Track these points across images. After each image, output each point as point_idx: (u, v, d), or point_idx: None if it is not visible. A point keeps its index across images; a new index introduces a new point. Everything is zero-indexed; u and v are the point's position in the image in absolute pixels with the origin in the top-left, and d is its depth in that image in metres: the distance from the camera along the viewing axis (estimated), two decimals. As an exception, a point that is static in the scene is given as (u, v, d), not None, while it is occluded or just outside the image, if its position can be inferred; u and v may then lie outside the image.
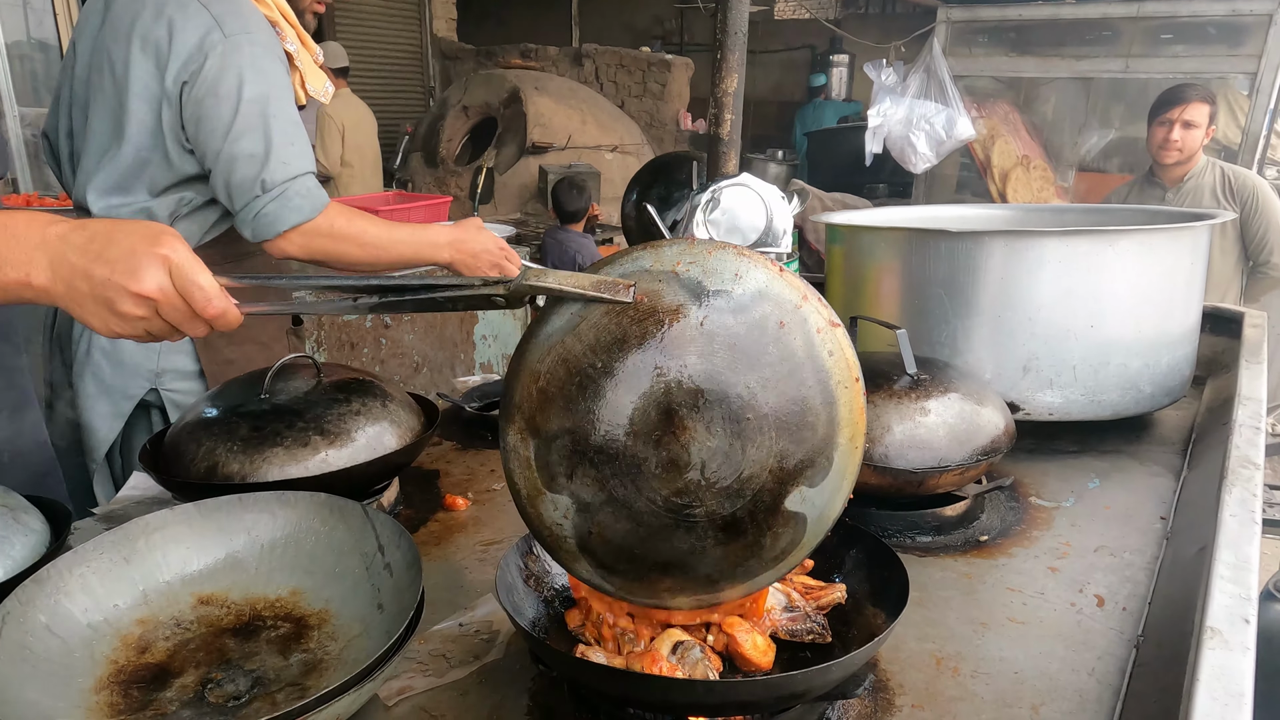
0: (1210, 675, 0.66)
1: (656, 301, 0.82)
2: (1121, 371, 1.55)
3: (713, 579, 0.86)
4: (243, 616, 1.08)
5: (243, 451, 1.30)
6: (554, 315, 0.87)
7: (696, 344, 0.81)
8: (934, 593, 1.18)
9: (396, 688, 1.00)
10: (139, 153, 1.85)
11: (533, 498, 0.88)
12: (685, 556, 0.84)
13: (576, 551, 0.88)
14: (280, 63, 1.82)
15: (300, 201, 1.82)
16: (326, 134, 5.66)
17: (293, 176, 1.81)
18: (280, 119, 1.80)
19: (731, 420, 0.80)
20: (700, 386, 0.80)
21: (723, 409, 0.80)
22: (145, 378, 1.99)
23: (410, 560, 1.05)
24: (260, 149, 1.78)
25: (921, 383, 1.31)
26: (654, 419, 0.80)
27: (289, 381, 1.44)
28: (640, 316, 0.82)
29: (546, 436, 0.85)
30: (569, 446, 0.83)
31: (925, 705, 0.96)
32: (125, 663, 0.99)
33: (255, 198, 1.79)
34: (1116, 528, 1.36)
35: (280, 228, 1.81)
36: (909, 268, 1.62)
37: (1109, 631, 1.08)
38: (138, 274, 0.92)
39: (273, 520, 1.15)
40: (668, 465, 0.81)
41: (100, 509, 1.52)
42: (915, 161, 4.92)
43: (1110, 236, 1.48)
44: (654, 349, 0.81)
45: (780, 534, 0.84)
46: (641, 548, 0.85)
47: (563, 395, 0.84)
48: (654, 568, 0.86)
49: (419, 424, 1.49)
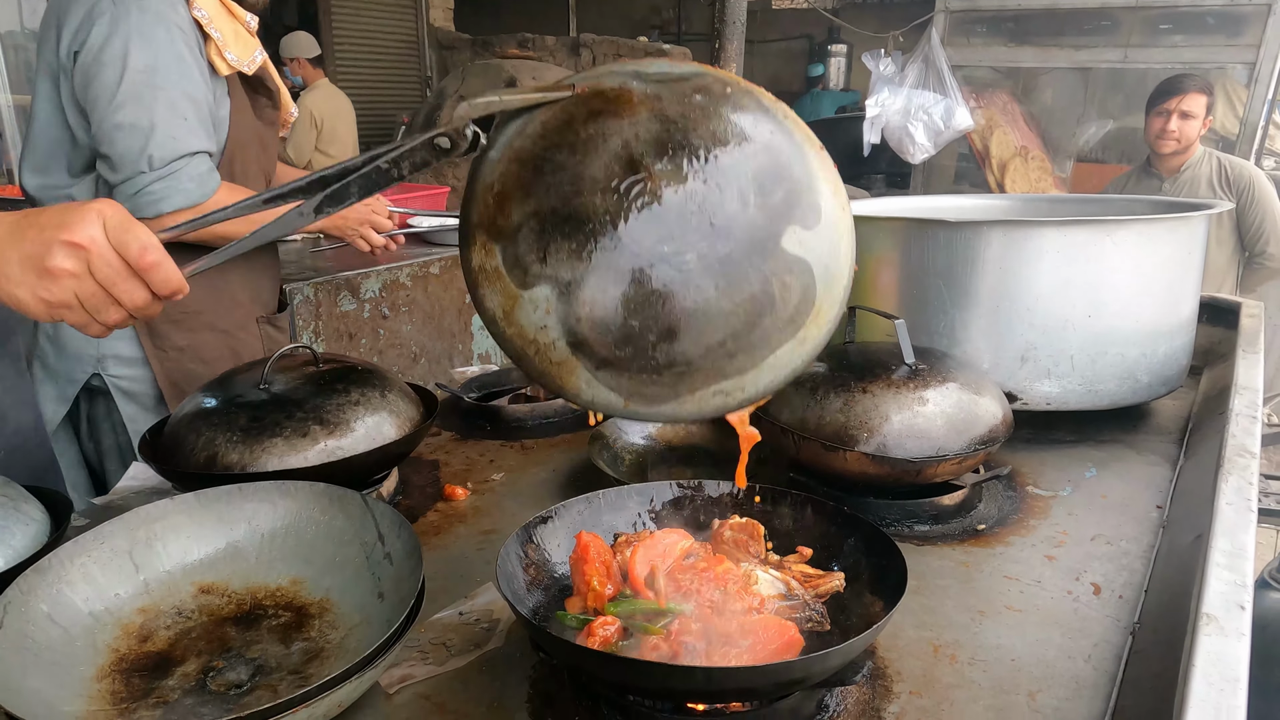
0: (1206, 661, 0.67)
1: (598, 85, 0.81)
2: (1119, 361, 1.55)
3: (727, 349, 0.79)
4: (243, 605, 1.08)
5: (242, 441, 1.30)
6: (499, 135, 0.83)
7: (646, 105, 0.79)
8: (932, 581, 1.19)
9: (398, 675, 1.00)
10: (48, 130, 1.80)
11: (509, 312, 0.81)
12: (690, 317, 0.78)
13: (569, 353, 0.80)
14: (178, 32, 1.73)
15: (190, 185, 1.74)
16: (299, 126, 5.65)
17: (183, 154, 1.73)
18: (170, 91, 1.71)
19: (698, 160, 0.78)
20: (659, 136, 0.78)
21: (688, 151, 0.78)
22: (88, 363, 1.97)
23: (410, 549, 1.05)
24: (145, 121, 1.70)
25: (920, 373, 1.31)
26: (620, 171, 0.77)
27: (288, 371, 1.44)
28: (585, 100, 0.80)
29: (510, 232, 0.80)
30: (536, 228, 0.79)
31: (923, 692, 0.96)
32: (127, 651, 0.99)
33: (140, 173, 1.71)
34: (1113, 517, 1.36)
35: (163, 209, 1.73)
36: (907, 258, 1.62)
37: (1105, 619, 1.08)
38: (69, 225, 0.87)
39: (273, 510, 1.15)
40: (643, 211, 0.77)
41: (100, 499, 1.52)
42: (913, 152, 4.91)
43: (1108, 227, 1.48)
44: (605, 116, 0.79)
45: (788, 282, 0.79)
46: (638, 316, 0.78)
47: (520, 186, 0.80)
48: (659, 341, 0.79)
49: (418, 414, 1.49)
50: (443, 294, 3.22)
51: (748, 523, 1.10)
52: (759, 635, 0.90)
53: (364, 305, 2.88)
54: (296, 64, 5.81)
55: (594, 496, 1.13)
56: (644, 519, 1.14)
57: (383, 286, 2.94)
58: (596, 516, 1.12)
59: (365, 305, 2.88)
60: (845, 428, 1.28)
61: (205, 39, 1.77)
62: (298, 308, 2.57)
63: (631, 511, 1.15)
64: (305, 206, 0.91)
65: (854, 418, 1.28)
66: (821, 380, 1.34)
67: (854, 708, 0.94)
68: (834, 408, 1.30)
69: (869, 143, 5.05)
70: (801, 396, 1.34)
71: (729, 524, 1.10)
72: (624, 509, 1.15)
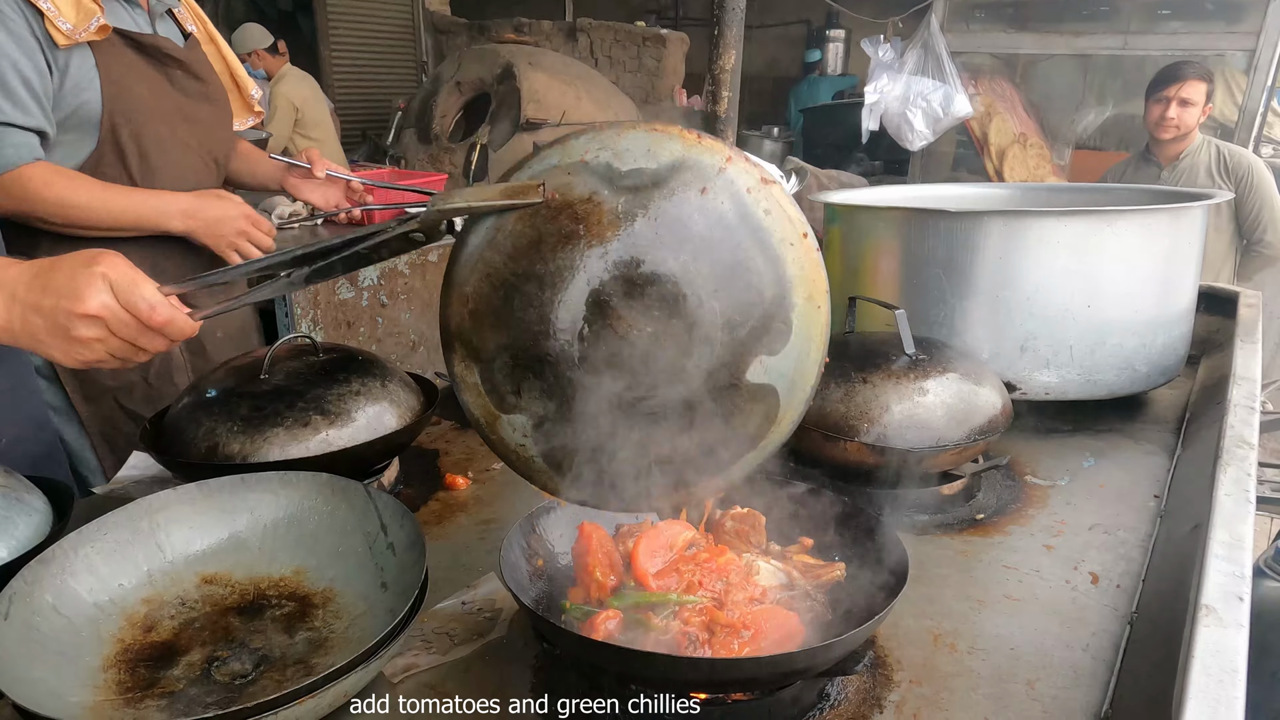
0: (1205, 651, 0.67)
1: (568, 194, 0.79)
2: (1117, 351, 1.56)
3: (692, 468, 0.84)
4: (247, 596, 1.09)
5: (243, 431, 1.30)
6: (471, 233, 0.84)
7: (615, 229, 0.78)
8: (931, 570, 1.19)
9: (402, 665, 1.01)
10: None
11: (491, 424, 0.86)
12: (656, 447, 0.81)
13: (547, 469, 0.85)
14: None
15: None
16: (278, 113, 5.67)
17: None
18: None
19: (666, 301, 0.77)
20: (627, 273, 0.77)
21: (655, 290, 0.77)
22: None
23: (413, 540, 1.06)
24: None
25: (920, 363, 1.32)
26: (586, 314, 0.78)
27: (288, 361, 1.44)
28: (554, 214, 0.79)
29: (487, 358, 0.82)
30: (509, 363, 0.81)
31: (923, 681, 0.97)
32: (132, 641, 1.00)
33: None
34: (1111, 506, 1.37)
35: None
36: (907, 247, 1.62)
37: (1103, 608, 1.09)
38: (80, 295, 0.94)
39: (275, 500, 1.16)
40: (610, 360, 0.78)
41: (101, 488, 1.53)
42: (912, 139, 4.90)
43: (1108, 217, 1.48)
44: (573, 244, 0.78)
45: (750, 410, 0.80)
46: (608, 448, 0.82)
47: (493, 312, 0.81)
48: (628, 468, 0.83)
49: (418, 403, 1.49)
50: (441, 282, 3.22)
51: (749, 513, 1.10)
52: (761, 626, 0.90)
53: (362, 293, 2.88)
54: (255, 57, 5.81)
55: (596, 487, 1.13)
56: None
57: (381, 275, 2.93)
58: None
59: (364, 293, 2.87)
60: (846, 418, 1.28)
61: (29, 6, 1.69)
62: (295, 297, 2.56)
63: (633, 502, 1.15)
64: (295, 276, 1.00)
65: (854, 408, 1.28)
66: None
67: (855, 696, 0.95)
68: (835, 398, 1.30)
69: (867, 129, 5.03)
70: (802, 387, 1.34)
71: (731, 514, 1.10)
72: (626, 499, 1.15)
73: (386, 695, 0.96)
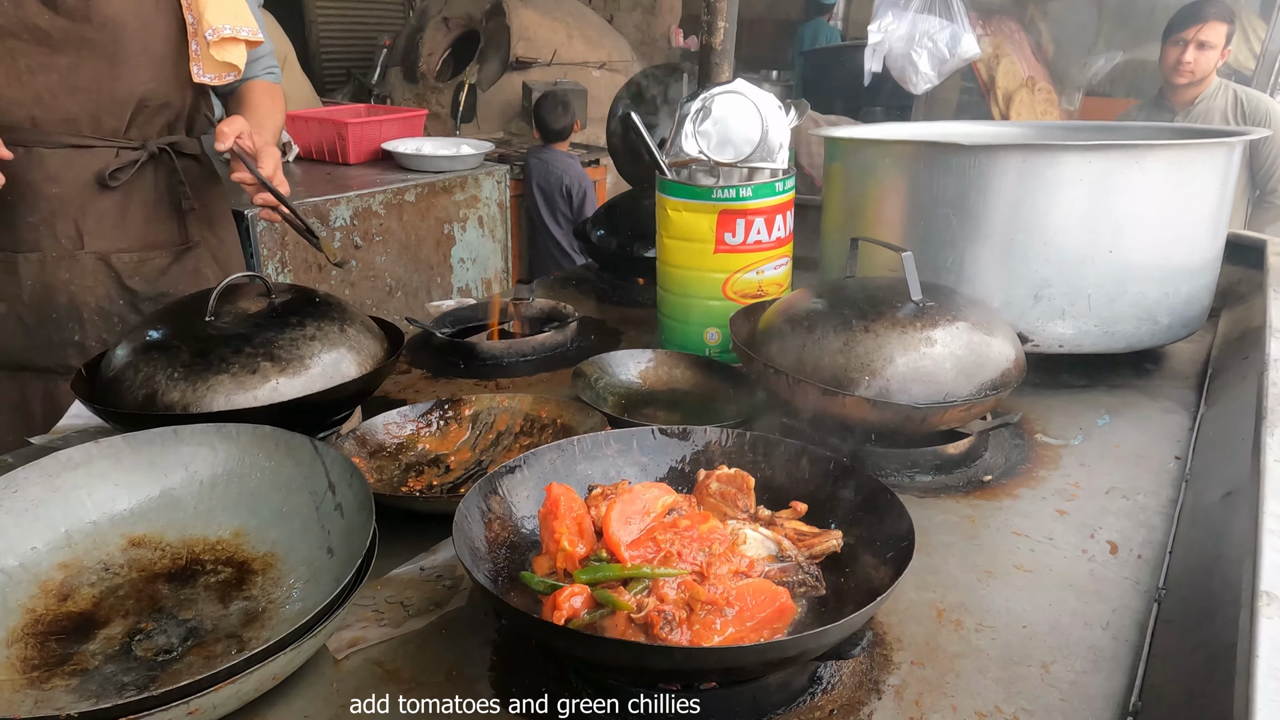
0: (1271, 649, 0.57)
1: None
2: (1139, 301, 1.44)
3: None
4: (179, 560, 0.98)
5: (184, 379, 1.18)
6: None
7: None
8: (935, 537, 1.09)
9: (347, 639, 0.91)
10: None
11: None
12: None
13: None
14: None
15: None
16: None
17: None
18: None
19: None
20: None
21: None
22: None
23: (362, 501, 0.95)
24: None
25: (927, 310, 1.20)
26: None
27: (237, 303, 1.32)
28: None
29: None
30: None
31: (926, 662, 0.87)
32: (44, 611, 0.89)
33: None
34: (1128, 468, 1.27)
35: None
36: (915, 186, 1.49)
37: (1123, 581, 0.99)
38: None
39: (212, 454, 1.05)
40: None
41: (39, 438, 1.41)
42: (916, 81, 4.69)
43: (1136, 152, 1.35)
44: None
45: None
46: None
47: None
48: None
49: (381, 350, 1.37)
50: (419, 223, 3.05)
51: (736, 474, 0.99)
52: (746, 602, 0.80)
53: (334, 234, 2.73)
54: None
55: (568, 444, 1.03)
56: (622, 469, 1.04)
57: (354, 214, 2.77)
58: (570, 466, 1.01)
59: (335, 234, 2.72)
60: (845, 370, 1.17)
61: None
62: (260, 235, 2.41)
63: (609, 460, 1.05)
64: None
65: (854, 359, 1.17)
66: (819, 318, 1.23)
67: (850, 679, 0.85)
68: (833, 348, 1.19)
69: (870, 71, 4.82)
70: (798, 335, 1.23)
71: (716, 475, 0.99)
72: (600, 457, 1.04)
73: (329, 673, 0.86)
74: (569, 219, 4.34)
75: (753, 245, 1.50)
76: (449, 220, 3.17)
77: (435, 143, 3.68)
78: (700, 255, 1.52)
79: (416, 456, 1.29)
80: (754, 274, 1.53)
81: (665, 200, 1.55)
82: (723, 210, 1.48)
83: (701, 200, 1.49)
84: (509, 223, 3.63)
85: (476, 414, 1.37)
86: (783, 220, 1.52)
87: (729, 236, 1.50)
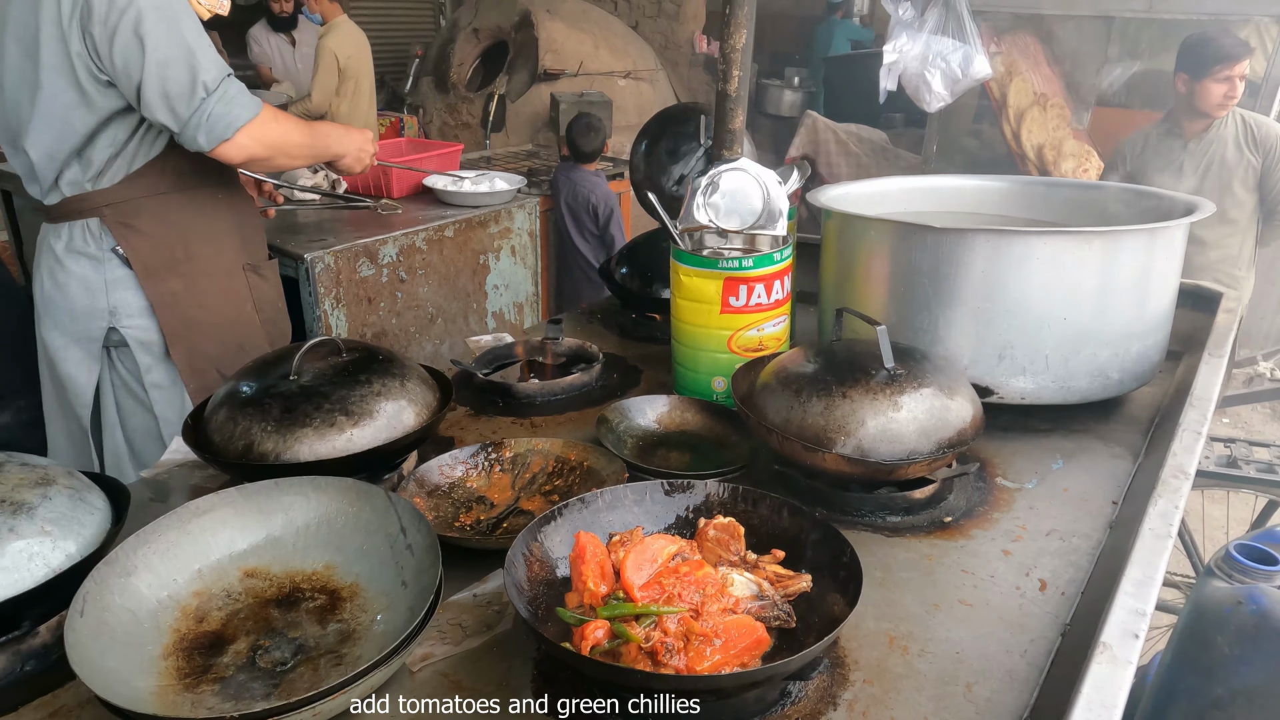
0: (1092, 687, 0.79)
1: None
2: (1091, 360, 1.65)
3: None
4: (284, 589, 1.23)
5: (276, 431, 1.43)
6: None
7: None
8: (896, 573, 1.32)
9: (419, 654, 1.16)
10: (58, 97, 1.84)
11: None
12: None
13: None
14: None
15: (244, 99, 1.84)
16: (323, 68, 5.47)
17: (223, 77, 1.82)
18: (189, 22, 1.79)
19: None
20: None
21: None
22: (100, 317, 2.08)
23: (430, 543, 1.19)
24: (182, 52, 1.77)
25: (897, 378, 1.42)
26: None
27: (315, 361, 1.57)
28: None
29: None
30: None
31: (875, 681, 1.10)
32: (186, 631, 1.15)
33: (202, 100, 1.80)
34: (1071, 511, 1.48)
35: (236, 125, 1.84)
36: (896, 256, 1.70)
37: (1045, 615, 1.21)
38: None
39: (306, 503, 1.29)
40: None
41: (148, 472, 1.68)
42: (929, 100, 4.87)
43: (1083, 236, 1.55)
44: None
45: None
46: None
47: None
48: None
49: (435, 399, 1.62)
50: (457, 256, 3.32)
51: (730, 523, 1.22)
52: (731, 635, 1.03)
53: (382, 270, 2.99)
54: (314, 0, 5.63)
55: (591, 497, 1.26)
56: (638, 517, 1.27)
57: (400, 251, 3.04)
58: (595, 516, 1.25)
59: (383, 270, 2.98)
60: (825, 430, 1.40)
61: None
62: (319, 276, 2.68)
63: (627, 509, 1.28)
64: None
65: (833, 421, 1.39)
66: (806, 382, 1.45)
67: (814, 694, 1.08)
68: (815, 410, 1.41)
69: (885, 89, 5.00)
70: (786, 398, 1.45)
71: (713, 524, 1.23)
72: (620, 507, 1.28)
73: (406, 683, 1.10)
74: (595, 235, 4.59)
75: (754, 307, 1.73)
76: (484, 251, 3.43)
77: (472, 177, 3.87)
78: (708, 315, 1.75)
79: (465, 494, 1.54)
80: (755, 331, 1.75)
81: (678, 266, 1.77)
82: (728, 277, 1.71)
83: (709, 269, 1.72)
84: (539, 249, 3.88)
85: (515, 456, 1.61)
86: (780, 284, 1.75)
87: (733, 300, 1.72)
